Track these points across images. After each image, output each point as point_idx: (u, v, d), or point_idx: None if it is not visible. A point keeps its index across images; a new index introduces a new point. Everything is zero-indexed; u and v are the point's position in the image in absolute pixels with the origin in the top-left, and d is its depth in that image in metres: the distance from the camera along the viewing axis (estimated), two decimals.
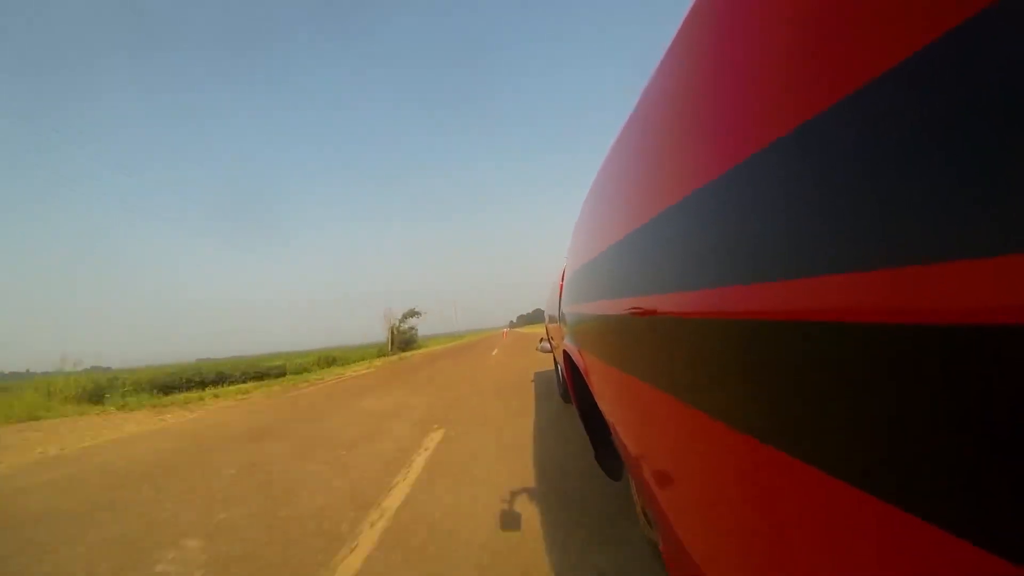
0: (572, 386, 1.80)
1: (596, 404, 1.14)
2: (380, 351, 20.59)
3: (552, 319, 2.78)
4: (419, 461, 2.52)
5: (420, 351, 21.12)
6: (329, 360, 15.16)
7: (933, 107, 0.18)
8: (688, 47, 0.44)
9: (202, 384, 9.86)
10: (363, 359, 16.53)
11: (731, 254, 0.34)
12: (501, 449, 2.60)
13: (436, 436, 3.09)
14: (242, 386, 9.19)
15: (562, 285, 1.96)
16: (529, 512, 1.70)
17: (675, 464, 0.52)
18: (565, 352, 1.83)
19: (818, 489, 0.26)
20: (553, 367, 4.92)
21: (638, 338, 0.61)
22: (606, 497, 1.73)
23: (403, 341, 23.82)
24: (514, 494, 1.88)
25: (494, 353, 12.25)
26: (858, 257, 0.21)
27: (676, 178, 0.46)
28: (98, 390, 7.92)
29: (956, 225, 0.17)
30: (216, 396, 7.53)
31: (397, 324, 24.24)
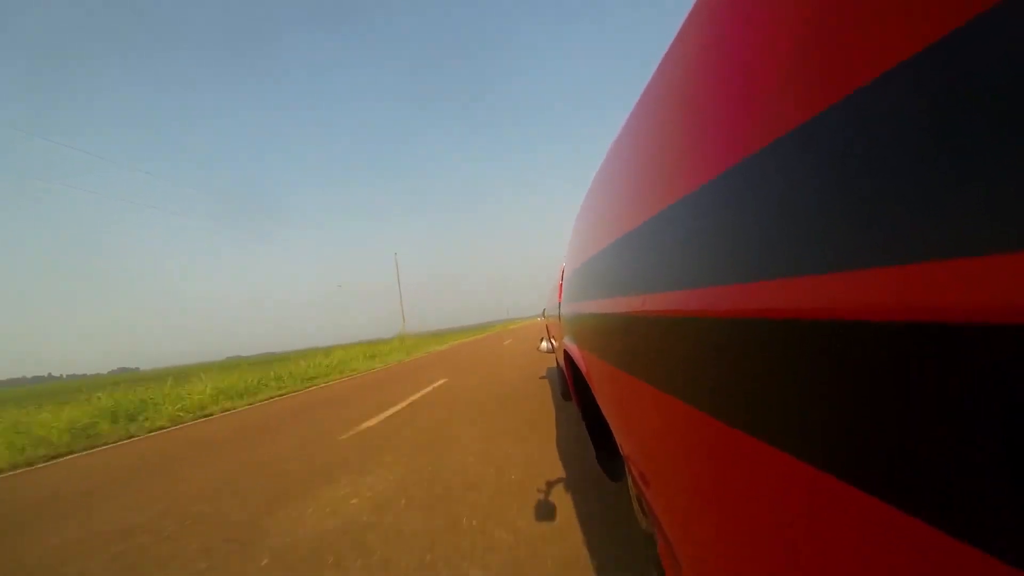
0: (573, 385, 1.81)
1: (596, 403, 1.14)
2: None
3: (552, 317, 2.80)
4: None
5: None
6: None
7: (944, 105, 0.17)
8: (693, 43, 0.43)
9: None
10: None
11: (734, 252, 0.33)
12: None
13: None
14: None
15: (561, 283, 1.97)
16: None
17: (676, 465, 0.52)
18: (565, 351, 1.83)
19: (824, 493, 0.25)
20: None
21: (639, 337, 0.61)
22: None
23: None
24: None
25: None
26: (868, 255, 0.20)
27: (678, 175, 0.45)
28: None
29: (962, 224, 0.17)
30: None
31: None
